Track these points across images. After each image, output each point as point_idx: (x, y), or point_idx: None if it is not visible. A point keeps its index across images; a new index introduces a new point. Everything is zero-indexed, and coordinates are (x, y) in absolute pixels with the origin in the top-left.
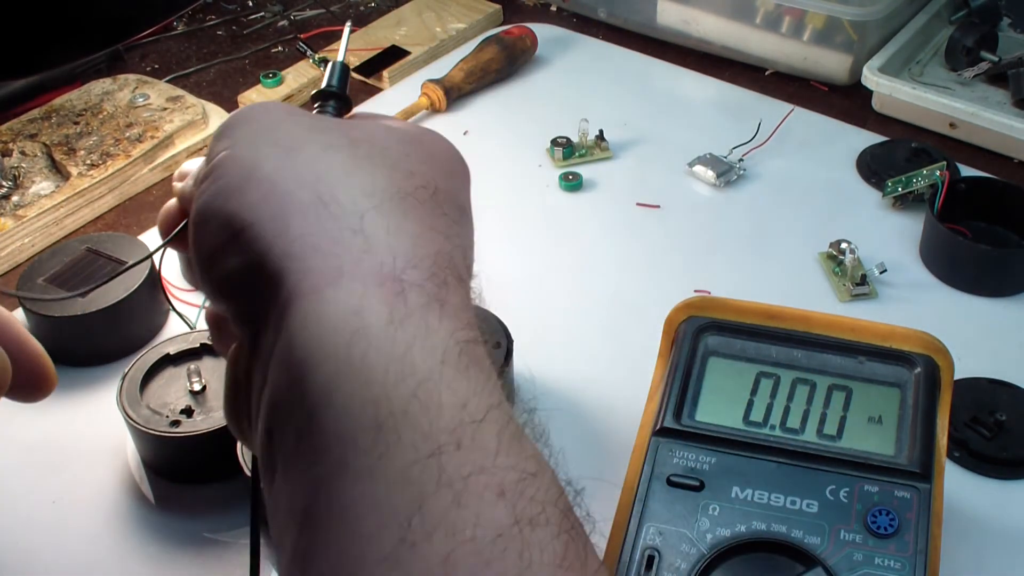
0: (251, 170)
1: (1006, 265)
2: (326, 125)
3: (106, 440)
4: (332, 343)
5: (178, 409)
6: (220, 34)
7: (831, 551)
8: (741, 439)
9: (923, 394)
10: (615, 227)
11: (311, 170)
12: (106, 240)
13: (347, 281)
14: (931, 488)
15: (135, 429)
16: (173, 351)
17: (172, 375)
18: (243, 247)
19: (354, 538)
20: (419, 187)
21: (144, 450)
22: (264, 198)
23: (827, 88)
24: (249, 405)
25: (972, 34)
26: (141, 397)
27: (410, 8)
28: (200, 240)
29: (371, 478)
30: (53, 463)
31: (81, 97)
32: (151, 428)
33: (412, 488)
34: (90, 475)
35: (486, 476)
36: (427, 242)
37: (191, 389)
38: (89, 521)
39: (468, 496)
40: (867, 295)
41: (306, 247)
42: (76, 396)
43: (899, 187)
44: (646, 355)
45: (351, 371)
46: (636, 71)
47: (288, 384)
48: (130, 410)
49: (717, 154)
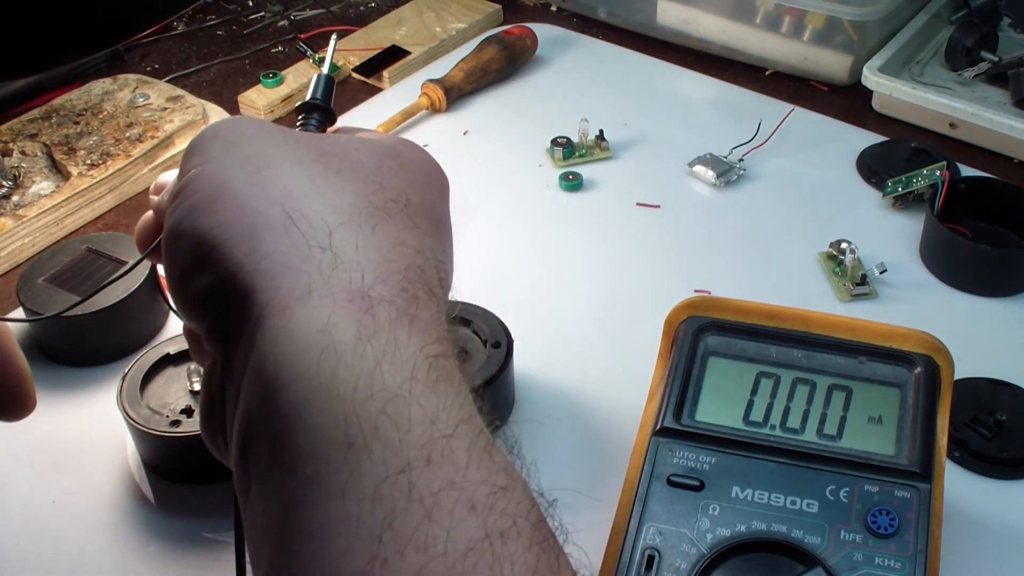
0: (220, 188)
1: (1006, 265)
2: (297, 139)
3: (106, 440)
4: (302, 361)
5: (178, 409)
6: (220, 34)
7: (831, 551)
8: (741, 439)
9: (923, 394)
10: (615, 227)
11: (280, 187)
12: (106, 240)
13: (316, 298)
14: (931, 488)
15: (135, 429)
16: (173, 351)
17: (172, 375)
18: (214, 266)
19: (327, 557)
20: (390, 200)
21: (144, 450)
22: (234, 217)
23: (827, 88)
24: (224, 421)
25: (972, 34)
26: (141, 397)
27: (410, 8)
28: (172, 259)
29: (343, 496)
30: (53, 463)
31: (81, 97)
32: (151, 428)
33: (383, 505)
34: (90, 475)
35: (456, 491)
36: (397, 256)
37: (191, 389)
38: (89, 521)
39: (439, 511)
40: (867, 295)
41: (276, 265)
42: (76, 396)
43: (899, 187)
44: (646, 355)
45: (321, 388)
46: (636, 71)
47: (260, 402)
48: (130, 410)
49: (717, 154)
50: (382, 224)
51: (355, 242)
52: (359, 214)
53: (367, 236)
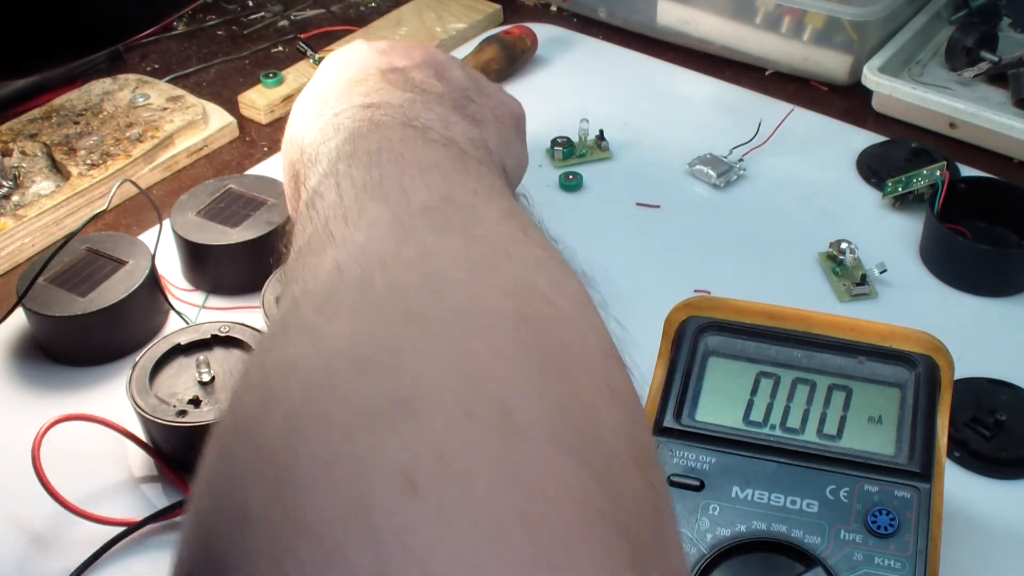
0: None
1: (1006, 265)
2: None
3: (106, 440)
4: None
5: (186, 399)
6: (220, 34)
7: (831, 551)
8: (741, 439)
9: (923, 394)
10: (615, 227)
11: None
12: (106, 240)
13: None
14: (931, 488)
15: (142, 417)
16: (184, 341)
17: (183, 365)
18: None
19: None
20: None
21: (152, 439)
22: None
23: (827, 88)
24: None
25: (972, 34)
26: (150, 386)
27: (410, 8)
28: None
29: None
30: (52, 463)
31: (81, 97)
32: (157, 417)
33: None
34: (90, 475)
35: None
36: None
37: (200, 380)
38: (88, 521)
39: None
40: (867, 295)
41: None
42: (75, 396)
43: (899, 187)
44: (646, 355)
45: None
46: (636, 71)
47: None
48: (139, 398)
49: (717, 154)
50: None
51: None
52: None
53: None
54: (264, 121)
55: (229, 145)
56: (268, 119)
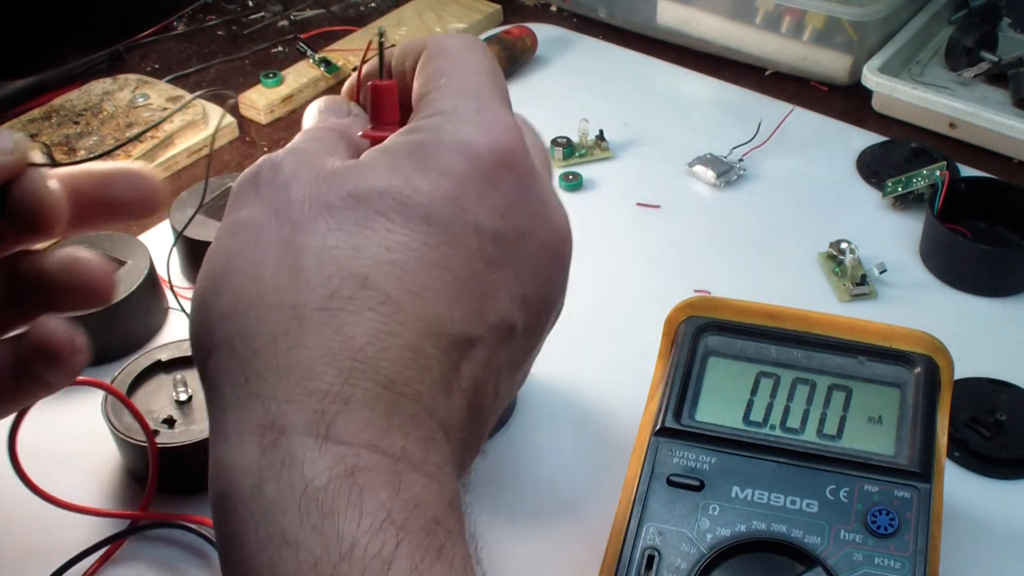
0: (224, 273)
1: (1006, 265)
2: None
3: (103, 441)
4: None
5: (160, 419)
6: (220, 34)
7: (831, 551)
8: (741, 439)
9: (923, 394)
10: (615, 227)
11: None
12: (106, 240)
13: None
14: (931, 488)
15: (116, 436)
16: (165, 358)
17: (161, 382)
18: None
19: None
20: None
21: (124, 458)
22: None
23: (827, 88)
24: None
25: (972, 34)
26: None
27: (410, 8)
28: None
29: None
30: (48, 464)
31: (81, 97)
32: (130, 436)
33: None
34: (86, 477)
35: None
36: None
37: (176, 399)
38: (84, 522)
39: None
40: (867, 295)
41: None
42: (73, 396)
43: (899, 187)
44: (646, 355)
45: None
46: (636, 71)
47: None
48: (113, 417)
49: (717, 154)
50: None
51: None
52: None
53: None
54: (264, 121)
55: (229, 145)
56: (268, 119)
